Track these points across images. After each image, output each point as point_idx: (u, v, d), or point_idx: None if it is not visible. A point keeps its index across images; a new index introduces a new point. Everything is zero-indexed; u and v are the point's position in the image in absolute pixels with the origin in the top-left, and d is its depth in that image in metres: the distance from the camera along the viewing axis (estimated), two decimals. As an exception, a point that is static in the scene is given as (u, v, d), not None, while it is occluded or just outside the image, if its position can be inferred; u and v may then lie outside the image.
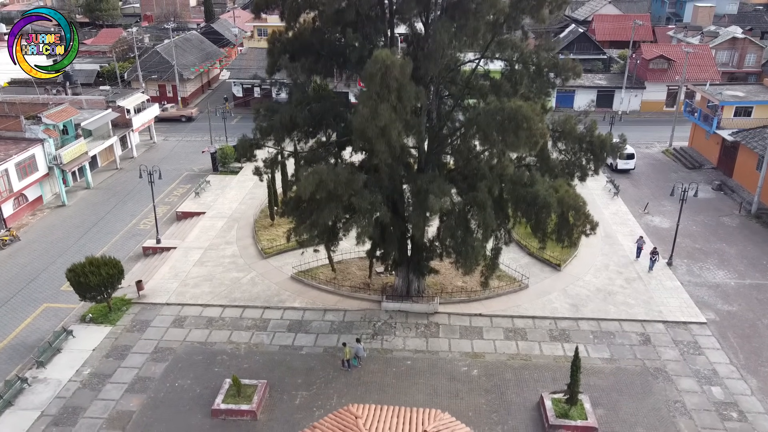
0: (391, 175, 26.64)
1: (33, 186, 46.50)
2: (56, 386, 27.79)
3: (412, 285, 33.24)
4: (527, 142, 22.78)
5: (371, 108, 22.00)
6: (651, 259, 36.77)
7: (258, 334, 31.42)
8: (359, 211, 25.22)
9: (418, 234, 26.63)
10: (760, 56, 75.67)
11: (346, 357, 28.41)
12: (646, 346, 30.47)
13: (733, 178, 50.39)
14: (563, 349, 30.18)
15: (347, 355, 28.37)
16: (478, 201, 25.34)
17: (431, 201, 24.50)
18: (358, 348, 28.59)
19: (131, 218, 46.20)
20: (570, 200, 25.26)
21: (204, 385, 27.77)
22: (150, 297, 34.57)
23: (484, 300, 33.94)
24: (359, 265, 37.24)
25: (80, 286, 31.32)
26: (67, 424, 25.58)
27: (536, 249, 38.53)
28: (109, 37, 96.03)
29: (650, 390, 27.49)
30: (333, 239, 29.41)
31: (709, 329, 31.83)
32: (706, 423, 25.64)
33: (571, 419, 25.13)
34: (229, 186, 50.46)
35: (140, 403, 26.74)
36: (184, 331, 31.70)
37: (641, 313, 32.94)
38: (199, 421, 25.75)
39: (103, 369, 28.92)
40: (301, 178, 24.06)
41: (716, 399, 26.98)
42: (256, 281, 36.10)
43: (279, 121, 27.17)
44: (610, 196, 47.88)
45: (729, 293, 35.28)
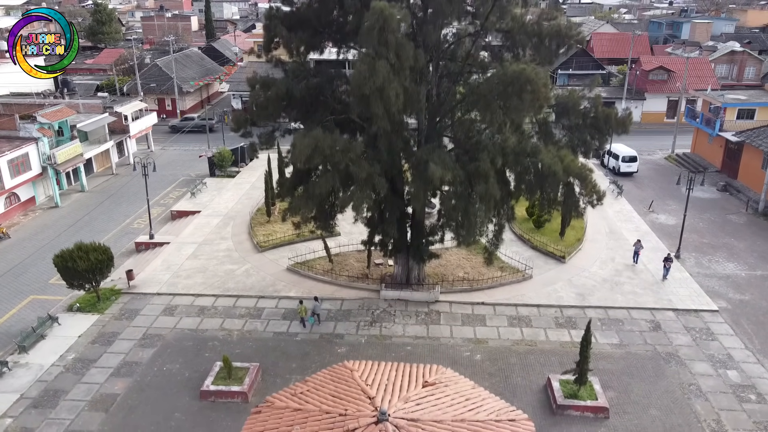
0: (389, 148, 25.78)
1: (26, 186, 45.64)
2: (38, 370, 26.45)
3: (412, 273, 32.08)
4: (531, 105, 22.02)
5: (369, 65, 21.27)
6: (665, 267, 33.90)
7: (252, 322, 30.16)
8: (357, 182, 24.29)
9: (418, 207, 25.61)
10: (759, 69, 75.64)
11: (301, 314, 28.98)
12: (657, 332, 29.18)
13: (738, 179, 49.55)
14: (570, 335, 28.88)
15: (302, 313, 29.01)
16: (480, 171, 24.39)
17: (431, 169, 23.55)
18: (315, 305, 29.18)
19: (124, 218, 45.20)
20: (575, 168, 24.34)
21: (193, 369, 26.43)
22: (140, 287, 33.37)
23: (487, 290, 32.73)
24: (357, 258, 36.14)
25: (67, 271, 30.20)
26: (48, 407, 24.19)
27: (540, 243, 37.57)
28: (110, 57, 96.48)
29: (663, 373, 26.14)
30: (330, 217, 28.41)
31: (722, 317, 30.56)
32: (723, 405, 24.24)
33: (581, 400, 23.74)
34: (226, 188, 49.60)
35: (125, 387, 25.38)
36: (175, 319, 30.46)
37: (650, 302, 31.72)
38: (187, 404, 24.36)
39: (88, 354, 27.61)
40: (297, 143, 23.13)
41: (733, 382, 25.61)
42: (250, 273, 34.93)
43: (275, 94, 26.44)
44: (613, 196, 46.51)
45: (740, 283, 34.08)
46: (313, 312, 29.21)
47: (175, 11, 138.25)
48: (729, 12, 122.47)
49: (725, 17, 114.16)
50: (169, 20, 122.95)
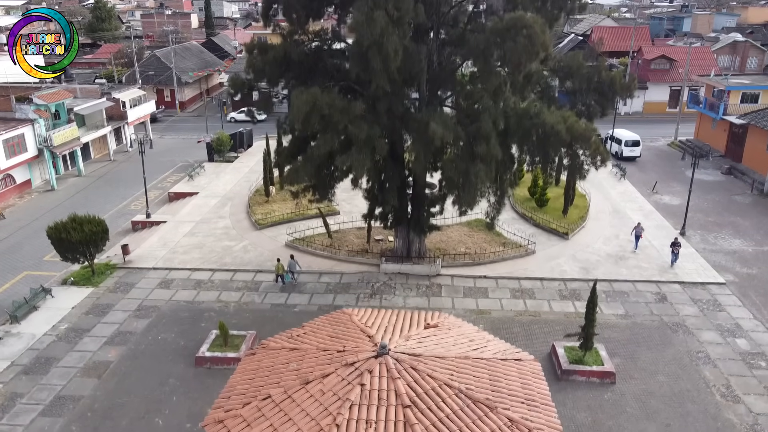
0: (389, 112, 25.18)
1: (21, 168, 45.12)
2: (30, 339, 25.82)
3: (413, 246, 31.47)
4: (528, 51, 21.34)
5: (366, 15, 20.72)
6: (672, 252, 31.84)
7: (249, 294, 29.55)
8: (356, 143, 23.71)
9: (419, 169, 24.99)
10: (761, 60, 75.10)
11: (278, 272, 29.60)
12: (663, 304, 28.54)
13: (742, 163, 48.96)
14: (574, 306, 28.22)
15: (279, 270, 29.60)
16: (482, 132, 23.79)
17: (432, 128, 22.95)
18: (291, 263, 29.80)
19: (122, 201, 44.64)
20: (579, 129, 23.72)
21: (189, 338, 25.79)
22: (136, 263, 32.77)
23: (489, 264, 32.11)
24: (357, 234, 35.55)
25: (61, 243, 29.59)
26: (39, 373, 23.54)
27: (542, 220, 36.98)
28: (109, 51, 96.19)
29: (670, 342, 25.49)
30: (329, 186, 27.83)
31: (729, 289, 29.90)
32: (733, 371, 23.56)
33: (586, 365, 23.10)
34: (224, 172, 49.05)
35: (119, 354, 24.75)
36: (170, 292, 29.84)
37: (655, 275, 31.08)
38: (182, 370, 23.71)
39: (81, 324, 26.98)
40: (295, 100, 22.54)
41: (742, 350, 24.94)
42: (248, 249, 34.33)
43: (273, 57, 25.90)
44: (616, 179, 46.39)
45: (747, 258, 33.46)
46: (290, 270, 29.92)
47: (175, 10, 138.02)
48: (729, 9, 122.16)
49: (726, 12, 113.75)
50: (168, 18, 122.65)
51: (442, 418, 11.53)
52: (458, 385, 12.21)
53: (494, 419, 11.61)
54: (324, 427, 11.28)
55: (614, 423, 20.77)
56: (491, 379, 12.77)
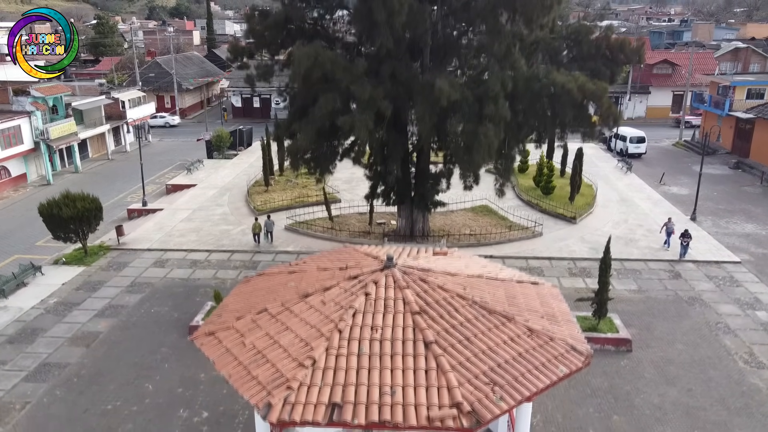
0: (393, 75, 24.39)
1: (17, 160, 44.34)
2: (16, 312, 24.72)
3: (417, 226, 30.45)
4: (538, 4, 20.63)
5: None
6: (682, 243, 29.47)
7: (247, 273, 28.36)
8: (359, 103, 22.89)
9: (424, 131, 24.06)
10: (763, 66, 74.80)
11: (254, 231, 30.78)
12: (677, 280, 27.42)
13: (750, 158, 48.16)
14: (585, 283, 27.11)
15: (256, 229, 30.81)
16: (490, 93, 22.98)
17: (438, 85, 22.14)
18: (268, 223, 31.09)
19: (118, 194, 43.77)
20: (590, 87, 22.88)
21: (183, 311, 24.66)
22: (131, 244, 31.79)
23: (495, 245, 31.08)
24: (358, 218, 34.62)
25: (52, 220, 28.65)
26: (24, 342, 22.38)
27: (549, 206, 36.03)
28: (110, 64, 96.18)
29: (687, 314, 24.32)
30: (330, 159, 26.94)
31: (745, 267, 28.81)
32: (755, 339, 22.37)
33: (600, 333, 21.92)
34: (223, 167, 48.29)
35: (109, 326, 23.60)
36: (165, 270, 28.81)
37: (668, 255, 29.98)
38: (175, 340, 22.55)
39: (71, 299, 25.88)
40: (297, 54, 21.76)
41: (763, 321, 23.77)
42: (246, 232, 33.25)
43: (273, 22, 25.23)
44: (622, 173, 45.55)
45: (761, 240, 32.42)
46: (266, 230, 31.13)
47: (178, 27, 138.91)
48: (729, 24, 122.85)
49: (726, 27, 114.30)
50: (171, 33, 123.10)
51: (455, 325, 10.43)
52: (472, 296, 11.14)
53: (512, 328, 10.52)
54: (325, 333, 10.19)
55: (632, 387, 19.54)
56: (508, 296, 11.70)
